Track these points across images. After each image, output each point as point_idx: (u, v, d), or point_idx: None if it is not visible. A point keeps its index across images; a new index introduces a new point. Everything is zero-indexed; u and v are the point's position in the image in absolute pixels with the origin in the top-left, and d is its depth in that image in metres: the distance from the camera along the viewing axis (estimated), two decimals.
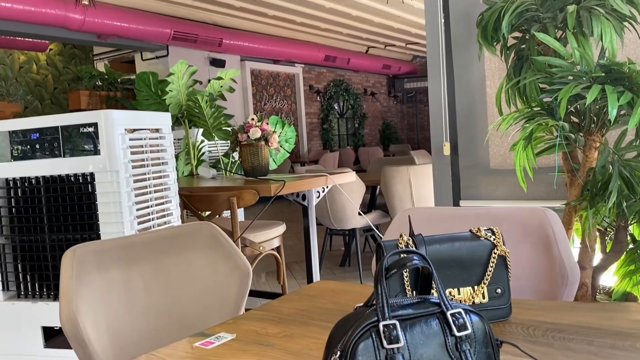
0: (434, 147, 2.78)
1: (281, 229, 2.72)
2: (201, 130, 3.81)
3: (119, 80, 7.44)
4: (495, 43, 2.21)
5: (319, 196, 2.77)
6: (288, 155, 3.75)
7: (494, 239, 1.00)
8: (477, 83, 2.64)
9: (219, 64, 9.04)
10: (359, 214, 3.94)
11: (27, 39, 7.48)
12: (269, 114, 10.47)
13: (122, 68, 8.98)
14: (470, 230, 1.01)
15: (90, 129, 1.89)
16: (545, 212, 1.43)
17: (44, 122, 1.95)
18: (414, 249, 0.94)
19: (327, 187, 2.79)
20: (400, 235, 0.97)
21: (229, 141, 3.73)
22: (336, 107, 12.06)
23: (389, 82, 13.60)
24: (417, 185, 3.82)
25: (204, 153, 4.06)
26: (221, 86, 3.87)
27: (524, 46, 2.17)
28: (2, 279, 2.04)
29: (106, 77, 7.33)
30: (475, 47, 2.60)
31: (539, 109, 2.09)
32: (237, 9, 7.76)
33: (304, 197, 2.69)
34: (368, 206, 4.66)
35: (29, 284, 2.04)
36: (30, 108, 8.16)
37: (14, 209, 2.04)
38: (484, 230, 1.01)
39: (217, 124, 3.50)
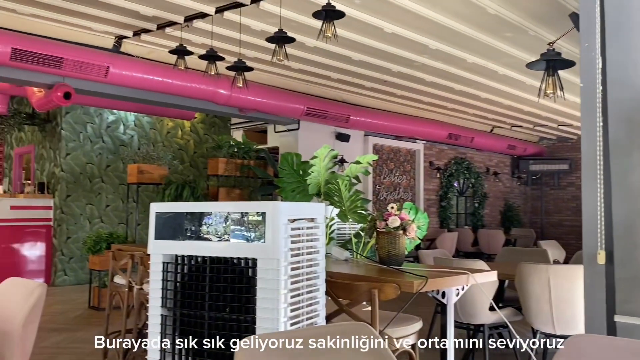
0: (586, 254, 2.62)
1: (418, 325, 2.67)
2: (335, 210, 3.92)
3: (253, 149, 7.97)
4: None
5: (458, 294, 2.70)
6: (419, 242, 3.72)
7: None
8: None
9: (344, 138, 9.37)
10: (491, 309, 3.76)
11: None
12: (387, 188, 10.56)
13: (254, 137, 9.62)
14: None
15: (259, 218, 2.03)
16: None
17: (217, 207, 2.13)
18: None
19: (467, 285, 2.71)
20: None
21: (360, 223, 3.79)
22: (456, 185, 11.86)
23: (513, 163, 13.18)
24: (556, 286, 3.59)
25: (333, 231, 4.16)
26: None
27: None
28: (160, 349, 2.19)
29: (242, 146, 7.88)
30: (638, 153, 2.46)
31: None
32: (367, 88, 8.08)
33: (443, 294, 2.64)
34: (495, 299, 4.44)
35: (183, 357, 2.17)
36: (171, 170, 8.94)
37: (179, 284, 2.21)
38: None
39: (353, 207, 3.59)
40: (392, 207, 3.09)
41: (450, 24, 5.16)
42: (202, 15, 5.12)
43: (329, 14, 3.93)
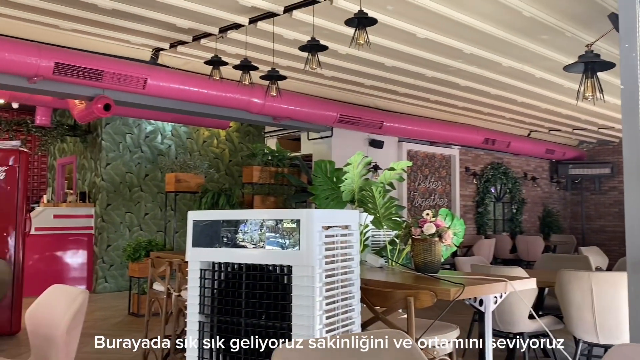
0: (630, 261, 2.54)
1: (455, 333, 2.63)
2: (369, 216, 3.91)
3: (286, 157, 8.03)
4: None
5: (496, 301, 2.66)
6: (456, 249, 3.67)
7: None
8: None
9: (377, 144, 9.33)
10: (531, 317, 3.68)
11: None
12: (422, 194, 10.46)
13: (288, 145, 9.70)
14: None
15: (293, 225, 2.04)
16: None
17: (252, 215, 2.16)
18: None
19: (505, 293, 2.66)
20: None
21: (395, 230, 3.77)
22: (493, 191, 11.66)
23: (552, 167, 12.87)
24: (599, 294, 3.48)
25: (368, 238, 4.14)
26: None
27: None
28: (199, 356, 2.23)
29: (276, 154, 7.95)
30: None
31: None
32: (400, 94, 8.04)
33: (480, 302, 2.59)
34: (535, 308, 4.34)
35: None
36: (207, 178, 9.08)
37: (216, 291, 2.25)
38: None
39: (387, 214, 3.58)
40: (428, 214, 3.06)
41: (484, 27, 5.10)
42: (236, 26, 5.21)
43: (361, 21, 3.94)
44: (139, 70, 6.02)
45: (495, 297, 2.63)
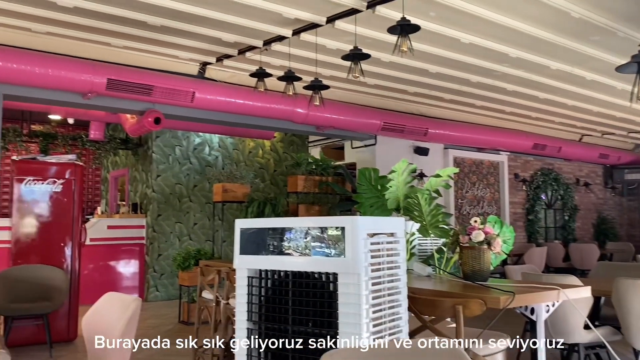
0: None
1: (506, 342, 2.57)
2: (415, 225, 3.87)
3: (330, 166, 8.06)
4: None
5: (548, 310, 2.58)
6: (505, 257, 3.58)
7: None
8: None
9: (422, 152, 9.23)
10: (586, 327, 3.54)
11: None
12: (470, 202, 10.26)
13: (332, 154, 9.73)
14: None
15: (338, 232, 2.05)
16: None
17: (298, 222, 2.18)
18: None
19: (558, 301, 2.58)
20: None
21: (442, 238, 3.71)
22: (543, 198, 11.32)
23: (606, 172, 12.39)
24: None
25: (414, 246, 4.10)
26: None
27: None
28: None
29: (320, 163, 7.99)
30: None
31: None
32: (445, 100, 7.96)
33: (532, 311, 2.52)
34: (591, 318, 4.17)
35: None
36: (253, 188, 9.22)
37: (263, 298, 2.27)
38: None
39: (434, 222, 3.54)
40: (476, 221, 3.01)
41: (531, 30, 4.99)
42: (280, 38, 5.29)
43: (404, 28, 3.93)
44: (187, 85, 6.20)
45: (548, 305, 2.56)
